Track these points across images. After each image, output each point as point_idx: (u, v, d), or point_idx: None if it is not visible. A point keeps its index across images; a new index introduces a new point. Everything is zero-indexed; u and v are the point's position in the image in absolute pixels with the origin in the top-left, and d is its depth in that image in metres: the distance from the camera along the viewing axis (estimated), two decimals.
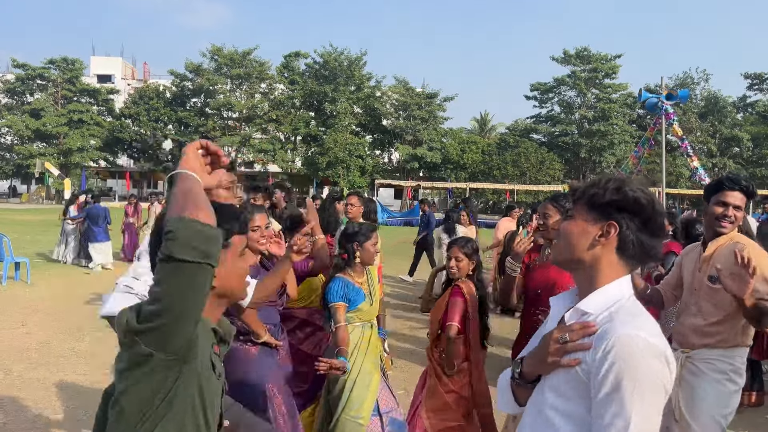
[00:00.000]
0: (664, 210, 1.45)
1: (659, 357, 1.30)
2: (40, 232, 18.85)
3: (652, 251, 1.46)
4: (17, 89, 48.00)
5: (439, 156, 46.05)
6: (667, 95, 18.51)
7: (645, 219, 1.44)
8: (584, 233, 1.48)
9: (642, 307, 1.44)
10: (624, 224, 1.44)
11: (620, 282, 1.46)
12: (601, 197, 1.47)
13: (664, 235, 1.47)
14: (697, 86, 48.11)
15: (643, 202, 1.43)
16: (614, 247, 1.46)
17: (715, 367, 2.91)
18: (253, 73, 46.59)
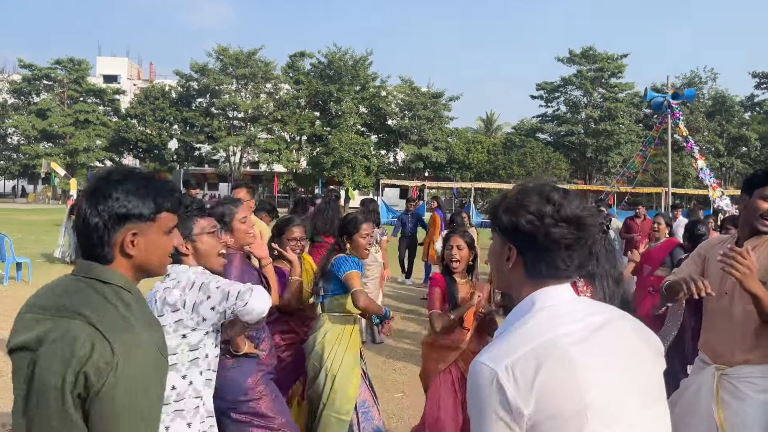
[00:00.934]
0: (565, 215, 1.32)
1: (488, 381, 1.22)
2: (45, 232, 18.89)
3: (561, 266, 1.34)
4: (24, 89, 48.21)
5: (445, 156, 45.94)
6: (673, 94, 18.42)
7: (534, 238, 1.33)
8: (499, 257, 1.43)
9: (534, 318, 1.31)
10: (519, 245, 1.37)
11: (527, 299, 1.36)
12: (494, 219, 1.42)
13: (570, 244, 1.33)
14: (705, 85, 47.79)
15: (522, 224, 1.33)
16: (522, 270, 1.38)
17: (759, 387, 2.53)
18: (258, 73, 46.62)
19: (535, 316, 1.31)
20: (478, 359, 1.26)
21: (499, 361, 1.22)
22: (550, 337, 1.25)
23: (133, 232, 1.48)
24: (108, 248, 1.47)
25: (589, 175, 47.09)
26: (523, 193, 1.37)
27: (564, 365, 1.22)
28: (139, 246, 1.50)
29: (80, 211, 1.49)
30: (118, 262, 1.49)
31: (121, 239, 1.48)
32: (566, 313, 1.31)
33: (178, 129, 48.54)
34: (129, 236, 1.48)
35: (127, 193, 1.49)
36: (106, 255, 1.48)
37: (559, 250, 1.32)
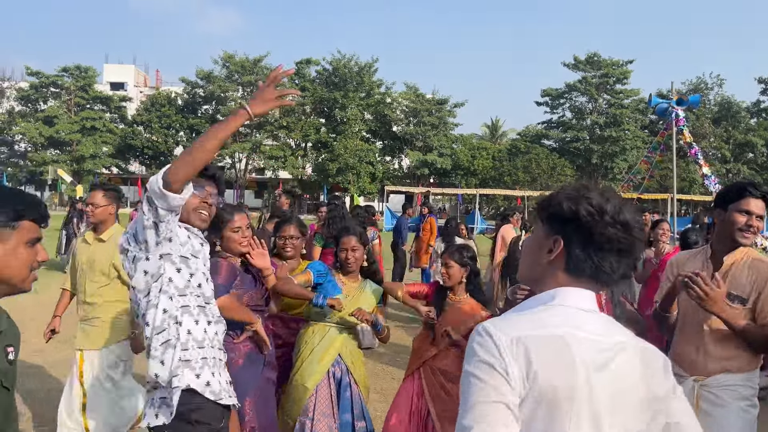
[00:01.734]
0: (623, 219, 1.29)
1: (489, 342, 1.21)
2: (49, 239, 18.95)
3: (606, 269, 1.30)
4: (31, 97, 48.59)
5: (450, 162, 45.95)
6: (677, 100, 18.32)
7: (589, 232, 1.29)
8: (538, 249, 1.38)
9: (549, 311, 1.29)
10: (569, 238, 1.32)
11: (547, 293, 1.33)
12: (547, 209, 1.36)
13: (623, 249, 1.30)
14: (711, 91, 47.66)
15: (583, 213, 1.29)
16: (563, 265, 1.34)
17: (739, 394, 2.60)
18: (264, 80, 46.73)
19: (551, 309, 1.29)
20: (483, 323, 1.25)
21: (505, 331, 1.21)
22: (562, 334, 1.23)
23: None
24: None
25: (594, 182, 46.97)
26: (584, 188, 1.35)
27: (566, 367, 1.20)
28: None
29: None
30: None
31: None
32: (583, 323, 1.28)
33: (184, 136, 48.78)
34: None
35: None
36: None
37: (611, 251, 1.29)
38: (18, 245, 1.47)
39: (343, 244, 3.65)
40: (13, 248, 1.45)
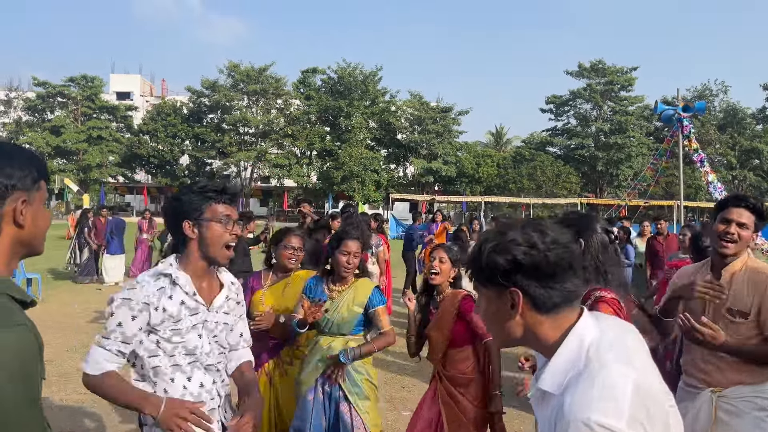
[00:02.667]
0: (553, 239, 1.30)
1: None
2: (56, 248, 19.01)
3: (572, 288, 1.30)
4: (38, 107, 48.92)
5: (454, 170, 45.94)
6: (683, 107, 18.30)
7: (535, 268, 1.28)
8: (497, 312, 1.35)
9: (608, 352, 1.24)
10: (522, 285, 1.30)
11: (570, 338, 1.29)
12: (483, 271, 1.34)
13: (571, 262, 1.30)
14: (716, 98, 47.59)
15: (520, 257, 1.28)
16: (533, 309, 1.31)
17: (756, 405, 2.60)
18: (269, 89, 47.01)
19: (600, 358, 1.23)
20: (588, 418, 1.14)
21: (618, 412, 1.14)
22: (636, 379, 1.19)
23: (23, 199, 1.39)
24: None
25: (599, 189, 46.88)
26: (500, 234, 1.33)
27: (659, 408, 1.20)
28: (27, 216, 1.40)
29: None
30: (5, 236, 1.39)
31: (11, 209, 1.38)
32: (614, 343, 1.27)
33: (189, 145, 48.97)
34: (20, 204, 1.38)
35: (10, 162, 1.40)
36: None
37: (563, 270, 1.29)
38: (40, 206, 1.46)
39: (345, 247, 3.47)
40: (38, 209, 1.45)
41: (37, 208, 1.43)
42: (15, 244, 1.40)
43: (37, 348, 1.32)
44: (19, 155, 1.43)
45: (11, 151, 1.42)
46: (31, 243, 1.45)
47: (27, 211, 1.40)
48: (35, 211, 1.43)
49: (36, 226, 1.44)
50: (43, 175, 1.47)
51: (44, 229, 1.49)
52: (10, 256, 1.41)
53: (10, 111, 49.50)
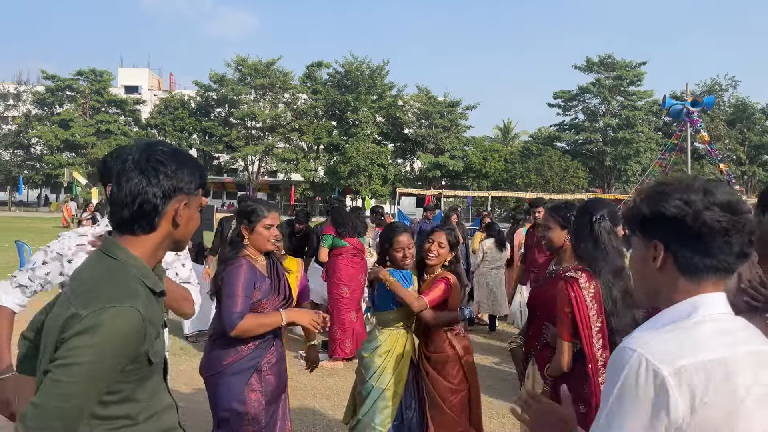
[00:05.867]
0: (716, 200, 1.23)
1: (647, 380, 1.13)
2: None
3: (720, 258, 1.23)
4: (47, 100, 49.19)
5: (462, 164, 45.88)
6: (692, 102, 18.22)
7: (685, 226, 1.23)
8: (642, 262, 1.32)
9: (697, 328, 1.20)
10: (669, 240, 1.26)
11: (684, 304, 1.25)
12: (636, 216, 1.32)
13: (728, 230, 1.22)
14: (725, 93, 47.25)
15: (671, 211, 1.24)
16: (675, 268, 1.26)
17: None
18: (276, 83, 47.05)
19: (702, 325, 1.21)
20: (634, 348, 1.16)
21: (665, 361, 1.12)
22: (722, 357, 1.16)
23: (185, 203, 1.57)
24: (159, 218, 1.53)
25: (607, 184, 46.70)
26: (663, 185, 1.30)
27: (731, 398, 1.14)
28: (184, 217, 1.58)
29: (124, 184, 1.52)
30: (161, 232, 1.55)
31: (173, 209, 1.55)
32: (731, 330, 1.21)
33: (197, 139, 49.12)
34: (182, 206, 1.56)
35: (182, 167, 1.57)
36: (154, 224, 1.53)
37: (714, 235, 1.22)
38: (195, 210, 1.63)
39: (398, 243, 3.59)
40: (193, 212, 1.62)
41: (192, 211, 1.61)
42: (166, 240, 1.59)
43: (143, 332, 1.44)
44: (189, 163, 1.60)
45: (184, 158, 1.60)
46: (180, 241, 1.63)
47: (185, 212, 1.57)
48: (191, 214, 1.61)
49: (187, 227, 1.61)
50: (203, 183, 1.64)
51: (193, 230, 1.65)
52: (158, 249, 1.58)
53: (20, 104, 49.81)
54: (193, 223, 1.62)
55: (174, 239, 1.60)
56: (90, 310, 1.36)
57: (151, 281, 1.52)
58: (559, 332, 2.66)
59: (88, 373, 1.34)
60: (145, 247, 1.53)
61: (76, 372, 1.33)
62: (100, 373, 1.36)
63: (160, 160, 1.54)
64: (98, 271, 1.48)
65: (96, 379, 1.36)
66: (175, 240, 1.60)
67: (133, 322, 1.40)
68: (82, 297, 1.41)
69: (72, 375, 1.33)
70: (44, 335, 1.48)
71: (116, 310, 1.38)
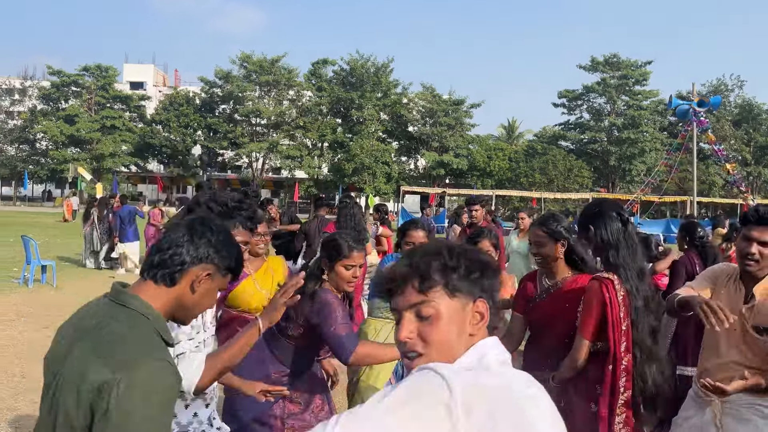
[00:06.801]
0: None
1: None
2: (70, 236, 19.23)
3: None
4: (52, 96, 49.27)
5: (466, 163, 45.81)
6: (698, 102, 18.16)
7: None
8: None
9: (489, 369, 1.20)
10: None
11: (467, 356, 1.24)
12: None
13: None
14: (731, 93, 47.06)
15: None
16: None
17: (761, 413, 2.56)
18: (281, 80, 47.04)
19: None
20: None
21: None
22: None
23: (209, 273, 1.60)
24: (180, 274, 1.56)
25: (612, 184, 46.58)
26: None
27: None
28: (203, 287, 1.60)
29: (172, 236, 1.60)
30: (178, 290, 1.57)
31: (196, 273, 1.58)
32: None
33: (201, 135, 49.16)
34: (205, 274, 1.59)
35: (224, 242, 1.64)
36: (175, 278, 1.56)
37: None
38: (214, 290, 1.65)
39: (410, 237, 3.60)
40: (213, 290, 1.65)
41: (213, 288, 1.63)
42: (179, 301, 1.59)
43: (177, 387, 1.45)
44: (233, 247, 1.67)
45: (230, 241, 1.67)
46: (187, 310, 1.63)
47: (205, 282, 1.60)
48: (210, 289, 1.63)
49: (200, 301, 1.62)
50: (235, 270, 1.67)
51: (204, 308, 1.66)
52: (170, 308, 1.58)
53: (25, 99, 49.91)
54: (207, 299, 1.64)
55: (183, 306, 1.60)
56: (123, 372, 1.33)
57: (167, 334, 1.53)
58: (581, 331, 2.63)
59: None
60: (160, 299, 1.55)
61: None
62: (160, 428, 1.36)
63: (210, 228, 1.64)
64: (117, 323, 1.45)
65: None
66: (184, 306, 1.60)
67: (168, 374, 1.40)
68: (107, 355, 1.37)
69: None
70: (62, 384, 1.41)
71: (152, 365, 1.37)
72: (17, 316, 7.87)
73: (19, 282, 10.53)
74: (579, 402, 2.63)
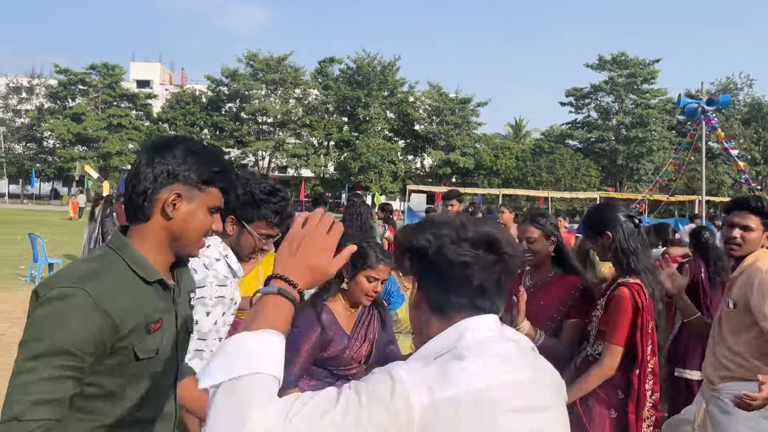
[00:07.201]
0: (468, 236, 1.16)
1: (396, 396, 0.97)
2: (76, 234, 19.26)
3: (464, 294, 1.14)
4: (59, 94, 49.51)
5: (472, 162, 45.71)
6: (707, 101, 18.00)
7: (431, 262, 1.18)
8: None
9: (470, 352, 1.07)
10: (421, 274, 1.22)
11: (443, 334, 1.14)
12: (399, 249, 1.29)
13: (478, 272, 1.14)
14: (741, 92, 46.78)
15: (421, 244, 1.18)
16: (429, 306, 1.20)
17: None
18: (287, 78, 47.07)
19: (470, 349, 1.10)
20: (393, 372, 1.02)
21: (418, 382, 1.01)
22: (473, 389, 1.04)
23: (177, 193, 1.43)
24: (149, 203, 1.42)
25: (619, 183, 46.38)
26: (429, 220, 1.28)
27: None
28: (180, 210, 1.44)
29: (133, 165, 1.46)
30: (154, 223, 1.44)
31: (164, 197, 1.42)
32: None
33: (208, 133, 49.27)
34: (172, 196, 1.43)
35: (186, 153, 1.45)
36: (145, 210, 1.43)
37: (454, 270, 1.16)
38: (200, 209, 1.47)
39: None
40: (194, 211, 1.46)
41: (194, 207, 1.47)
42: (165, 234, 1.46)
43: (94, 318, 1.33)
44: (202, 154, 1.47)
45: (196, 148, 1.48)
46: (179, 239, 1.47)
47: (180, 205, 1.44)
48: (191, 210, 1.46)
49: (186, 225, 1.46)
50: (215, 180, 1.48)
51: (197, 231, 1.49)
52: (159, 245, 1.46)
53: (33, 98, 50.16)
54: (195, 222, 1.46)
55: (173, 237, 1.45)
56: (45, 290, 1.33)
57: (142, 268, 1.41)
58: (612, 338, 2.56)
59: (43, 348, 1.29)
60: (144, 239, 1.43)
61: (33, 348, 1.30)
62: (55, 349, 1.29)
63: (165, 145, 1.46)
64: (85, 260, 1.42)
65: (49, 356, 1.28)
66: (174, 238, 1.46)
67: (76, 302, 1.30)
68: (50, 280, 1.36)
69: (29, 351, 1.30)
70: None
71: (63, 291, 1.30)
72: (24, 314, 7.79)
73: (26, 280, 10.53)
74: (598, 408, 2.57)
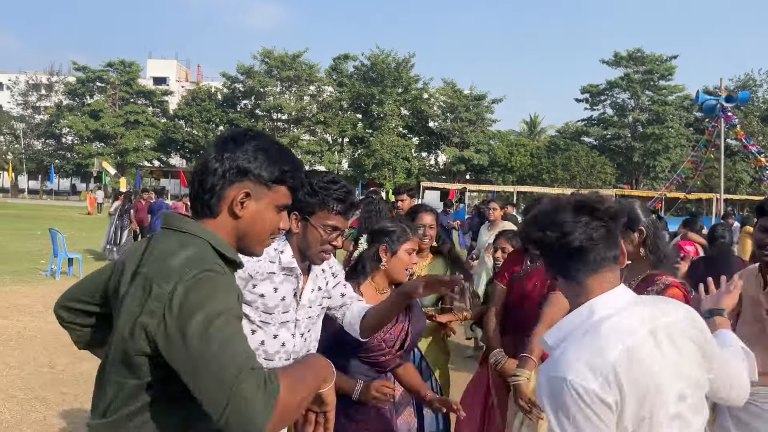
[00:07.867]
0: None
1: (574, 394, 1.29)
2: (95, 229, 19.50)
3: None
4: (78, 91, 50.09)
5: (487, 159, 45.51)
6: (726, 97, 17.76)
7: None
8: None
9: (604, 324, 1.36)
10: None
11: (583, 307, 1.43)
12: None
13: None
14: (760, 88, 46.04)
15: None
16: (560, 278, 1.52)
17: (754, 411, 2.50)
18: (302, 75, 47.17)
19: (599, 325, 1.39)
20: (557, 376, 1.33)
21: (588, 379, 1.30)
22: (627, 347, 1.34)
23: (246, 191, 1.38)
24: (216, 200, 1.37)
25: (635, 180, 45.94)
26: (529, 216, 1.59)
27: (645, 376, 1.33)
28: (248, 209, 1.40)
29: (201, 158, 1.42)
30: (222, 220, 1.39)
31: (233, 195, 1.38)
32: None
33: (223, 130, 49.45)
34: (241, 195, 1.38)
35: (257, 150, 1.40)
36: (212, 206, 1.38)
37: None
38: (268, 208, 1.43)
39: (420, 220, 3.45)
40: (262, 210, 1.42)
41: (263, 207, 1.42)
42: (233, 232, 1.41)
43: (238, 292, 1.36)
44: (273, 151, 1.42)
45: (267, 144, 1.43)
46: (246, 237, 1.43)
47: (248, 204, 1.40)
48: (259, 209, 1.41)
49: (254, 225, 1.42)
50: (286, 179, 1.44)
51: (265, 231, 1.45)
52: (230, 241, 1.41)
53: (51, 95, 50.81)
54: (263, 221, 1.42)
55: (240, 236, 1.41)
56: (171, 284, 1.20)
57: (228, 251, 1.36)
58: None
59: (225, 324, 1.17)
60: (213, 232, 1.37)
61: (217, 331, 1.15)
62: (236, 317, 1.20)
63: (235, 140, 1.40)
64: (168, 245, 1.31)
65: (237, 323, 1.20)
66: (241, 236, 1.41)
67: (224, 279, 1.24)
68: (157, 274, 1.24)
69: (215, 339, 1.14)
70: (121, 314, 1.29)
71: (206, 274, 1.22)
72: (45, 308, 7.97)
73: (47, 274, 10.71)
74: None
